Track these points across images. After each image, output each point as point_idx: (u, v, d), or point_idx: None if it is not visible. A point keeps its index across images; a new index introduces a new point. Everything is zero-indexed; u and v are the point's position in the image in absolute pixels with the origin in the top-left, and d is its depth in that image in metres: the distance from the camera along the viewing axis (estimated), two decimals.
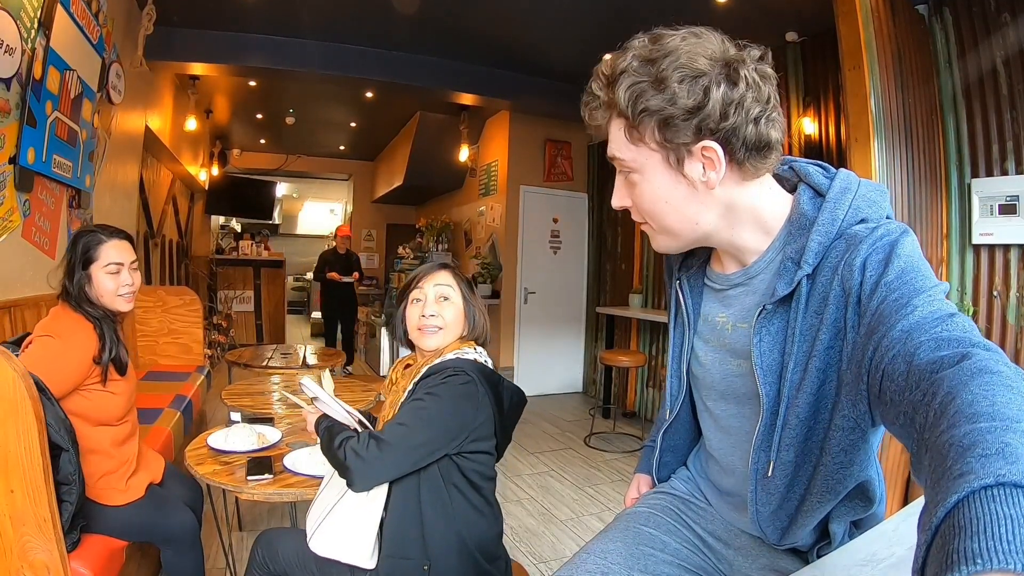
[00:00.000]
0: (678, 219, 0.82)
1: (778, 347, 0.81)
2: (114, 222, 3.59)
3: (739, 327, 0.89)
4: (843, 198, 0.79)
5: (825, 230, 0.77)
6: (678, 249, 0.90)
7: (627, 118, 0.78)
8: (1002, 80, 2.71)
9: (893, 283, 0.68)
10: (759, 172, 0.80)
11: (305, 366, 3.72)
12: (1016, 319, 2.67)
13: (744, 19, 3.51)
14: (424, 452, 1.23)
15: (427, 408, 1.23)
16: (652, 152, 0.79)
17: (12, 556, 1.32)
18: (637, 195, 0.83)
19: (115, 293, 1.67)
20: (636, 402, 5.27)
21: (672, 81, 0.74)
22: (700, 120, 0.74)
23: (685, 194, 0.80)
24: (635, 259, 5.44)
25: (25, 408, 1.27)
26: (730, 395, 0.93)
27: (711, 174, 0.78)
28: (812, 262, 0.77)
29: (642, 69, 0.76)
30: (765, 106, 0.77)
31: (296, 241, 13.26)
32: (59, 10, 2.46)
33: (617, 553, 1.00)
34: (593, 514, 3.12)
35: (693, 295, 0.99)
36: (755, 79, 0.76)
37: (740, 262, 0.90)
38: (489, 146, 6.33)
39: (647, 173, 0.81)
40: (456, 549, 1.27)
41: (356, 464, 1.18)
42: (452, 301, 1.39)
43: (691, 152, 0.77)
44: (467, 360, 1.33)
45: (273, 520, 2.83)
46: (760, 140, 0.76)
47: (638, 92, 0.76)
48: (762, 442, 0.84)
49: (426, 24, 3.96)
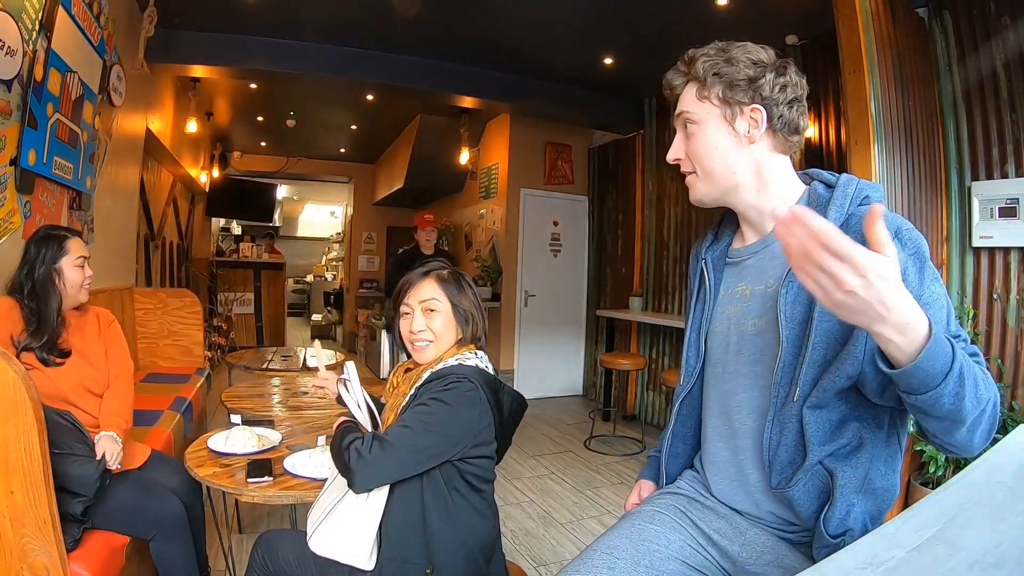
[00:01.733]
0: (721, 165, 1.03)
1: (802, 300, 0.95)
2: (115, 224, 3.61)
3: (756, 290, 1.05)
4: (850, 183, 0.99)
5: (840, 203, 0.96)
6: (712, 200, 1.07)
7: (700, 81, 1.02)
8: (1002, 83, 2.72)
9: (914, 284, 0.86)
10: (787, 147, 1.04)
11: (306, 368, 3.72)
12: (1016, 321, 2.67)
13: (744, 22, 3.51)
14: (427, 456, 1.24)
15: (432, 413, 1.24)
16: (713, 107, 1.02)
17: (12, 557, 1.32)
18: (692, 144, 1.04)
19: (81, 285, 1.87)
20: (636, 405, 5.26)
21: (740, 61, 1.00)
22: (756, 89, 0.99)
23: (732, 144, 1.02)
24: (635, 262, 5.44)
25: (25, 409, 1.28)
26: (744, 352, 1.05)
27: (754, 131, 1.00)
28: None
29: (717, 54, 1.02)
30: (799, 99, 1.02)
31: (297, 243, 13.29)
32: (60, 12, 2.47)
33: (622, 549, 1.03)
34: (593, 517, 3.12)
35: (716, 272, 1.15)
36: (796, 79, 1.02)
37: (760, 231, 1.08)
38: (490, 149, 6.34)
39: (705, 124, 1.02)
40: (459, 552, 1.28)
41: (358, 464, 1.19)
42: (439, 311, 1.38)
43: (743, 111, 1.00)
44: (469, 367, 1.33)
45: (273, 522, 2.83)
46: (792, 121, 1.01)
47: (713, 63, 1.01)
48: (782, 377, 0.96)
49: (427, 27, 3.97)
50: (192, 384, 3.40)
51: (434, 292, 1.39)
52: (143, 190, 4.49)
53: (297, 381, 3.35)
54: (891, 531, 0.68)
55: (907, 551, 0.63)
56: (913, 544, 0.64)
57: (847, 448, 0.93)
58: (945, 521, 0.67)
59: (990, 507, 0.70)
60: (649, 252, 5.26)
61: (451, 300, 1.39)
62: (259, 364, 3.79)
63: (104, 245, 3.33)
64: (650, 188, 5.25)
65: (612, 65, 4.49)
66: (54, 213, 2.65)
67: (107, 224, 3.42)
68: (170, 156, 5.12)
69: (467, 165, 6.33)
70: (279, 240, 11.16)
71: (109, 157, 3.41)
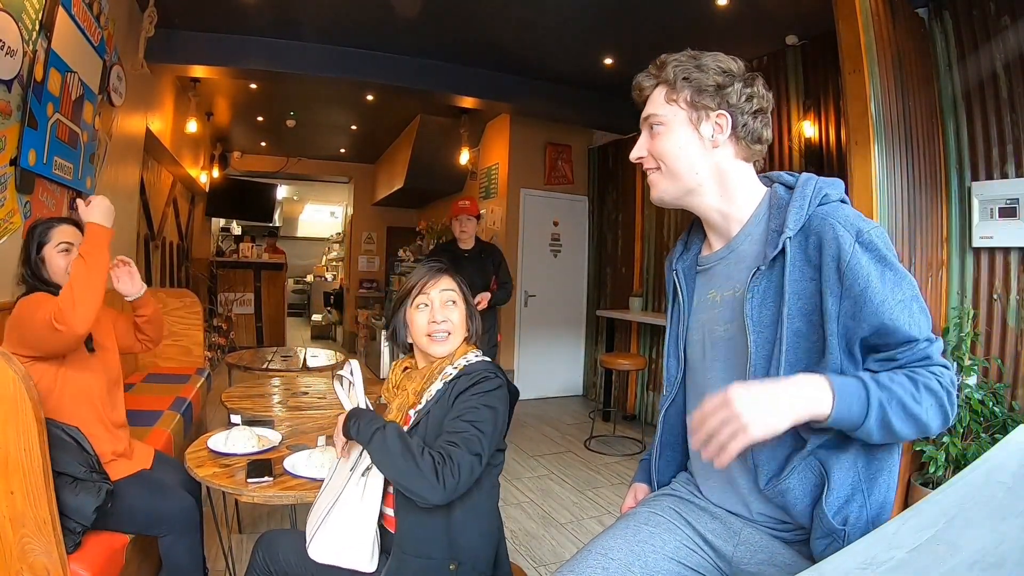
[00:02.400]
0: (685, 165, 1.05)
1: (769, 303, 0.98)
2: (115, 224, 3.60)
3: (725, 296, 1.08)
4: (808, 183, 1.01)
5: (799, 204, 0.98)
6: (673, 198, 1.10)
7: (670, 85, 1.05)
8: (1002, 83, 2.72)
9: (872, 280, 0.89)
10: (749, 155, 1.06)
11: (306, 369, 3.72)
12: (1016, 322, 2.67)
13: (744, 22, 3.51)
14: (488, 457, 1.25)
15: (485, 421, 1.25)
16: (681, 110, 1.05)
17: (12, 558, 1.32)
18: (657, 144, 1.07)
19: (65, 271, 1.76)
20: (636, 405, 5.26)
21: (710, 68, 1.03)
22: (723, 96, 1.02)
23: (696, 146, 1.04)
24: (635, 262, 5.44)
25: (25, 409, 1.27)
26: (719, 359, 1.07)
27: (718, 136, 1.03)
28: (793, 227, 0.96)
29: (688, 60, 1.05)
30: (764, 111, 1.05)
31: (296, 243, 13.28)
32: (60, 12, 2.47)
33: (617, 550, 1.05)
34: (593, 517, 3.11)
35: (688, 281, 1.18)
36: (762, 92, 1.05)
37: (724, 236, 1.10)
38: (490, 149, 6.34)
39: (672, 125, 1.06)
40: (482, 546, 1.31)
41: (447, 483, 1.15)
42: (457, 305, 1.42)
43: (708, 116, 1.03)
44: (489, 363, 1.38)
45: (273, 522, 2.83)
46: (755, 131, 1.04)
47: (683, 68, 1.04)
48: (756, 372, 0.99)
49: (427, 27, 3.97)
50: (192, 384, 3.40)
51: (453, 287, 1.43)
52: (143, 190, 4.49)
53: (297, 381, 3.35)
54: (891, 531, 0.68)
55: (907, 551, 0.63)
56: (913, 544, 0.64)
57: (835, 439, 0.94)
58: (945, 521, 0.67)
59: (990, 507, 0.70)
60: (649, 252, 5.26)
61: (465, 299, 1.44)
62: (259, 364, 3.79)
63: None
64: (650, 188, 5.24)
65: (612, 65, 4.49)
66: (54, 213, 2.65)
67: None
68: (170, 156, 5.12)
69: (467, 165, 6.33)
70: (278, 240, 11.16)
71: (109, 157, 3.41)
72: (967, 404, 2.56)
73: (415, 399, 1.38)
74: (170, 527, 1.72)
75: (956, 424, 2.54)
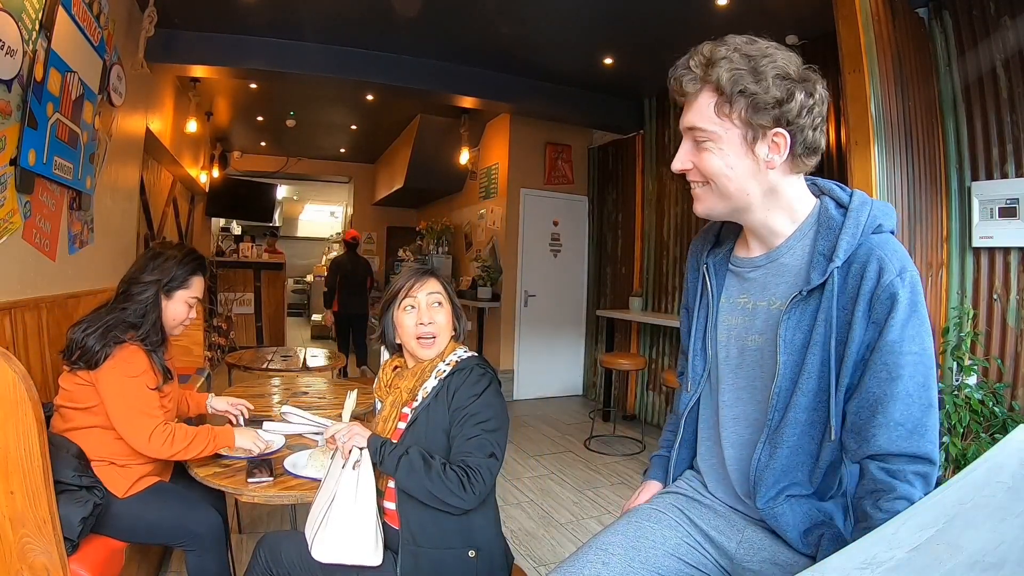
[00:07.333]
0: (736, 187, 0.96)
1: (803, 326, 0.95)
2: (115, 224, 3.61)
3: (759, 305, 1.03)
4: (863, 208, 0.95)
5: (852, 232, 0.93)
6: (720, 215, 1.03)
7: (722, 94, 0.92)
8: (1002, 83, 2.72)
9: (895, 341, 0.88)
10: (804, 168, 0.98)
11: (305, 368, 3.72)
12: (1016, 322, 2.67)
13: (744, 22, 3.46)
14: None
15: (491, 420, 1.32)
16: (734, 127, 0.93)
17: (12, 558, 1.32)
18: (705, 160, 0.96)
19: (181, 323, 1.88)
20: (636, 405, 5.26)
21: (768, 76, 0.90)
22: (782, 112, 0.90)
23: (748, 168, 0.95)
24: (635, 262, 5.44)
25: (25, 409, 1.27)
26: (744, 367, 1.05)
27: (774, 156, 0.93)
28: (843, 257, 0.92)
29: (742, 61, 0.91)
30: (823, 120, 0.95)
31: (296, 244, 13.27)
32: (60, 12, 2.47)
33: (617, 545, 1.05)
34: (593, 517, 3.12)
35: (718, 278, 1.11)
36: (821, 93, 0.94)
37: (766, 245, 1.04)
38: (490, 149, 6.34)
39: (724, 144, 0.94)
40: (496, 534, 1.38)
41: (475, 489, 1.24)
42: (443, 306, 1.45)
43: (765, 135, 0.92)
44: (477, 357, 1.43)
45: (273, 523, 2.83)
46: (814, 143, 0.95)
47: (738, 76, 0.90)
48: (778, 401, 0.97)
49: (427, 27, 3.97)
50: (192, 384, 3.39)
51: (439, 288, 1.46)
52: (143, 190, 4.49)
53: (297, 381, 3.35)
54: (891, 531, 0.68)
55: (907, 551, 0.63)
56: (913, 544, 0.64)
57: (836, 480, 0.98)
58: (945, 521, 0.67)
59: (990, 507, 0.70)
60: (649, 252, 5.26)
61: (451, 299, 1.48)
62: (259, 364, 3.78)
63: (104, 245, 3.33)
64: (650, 188, 5.26)
65: (612, 65, 4.49)
66: (54, 213, 2.64)
67: (107, 224, 3.41)
68: (170, 156, 5.12)
69: (467, 165, 6.33)
70: (278, 240, 11.15)
71: (109, 157, 3.41)
72: (967, 404, 2.56)
73: (409, 396, 1.42)
74: (198, 543, 1.69)
75: (956, 424, 2.54)
